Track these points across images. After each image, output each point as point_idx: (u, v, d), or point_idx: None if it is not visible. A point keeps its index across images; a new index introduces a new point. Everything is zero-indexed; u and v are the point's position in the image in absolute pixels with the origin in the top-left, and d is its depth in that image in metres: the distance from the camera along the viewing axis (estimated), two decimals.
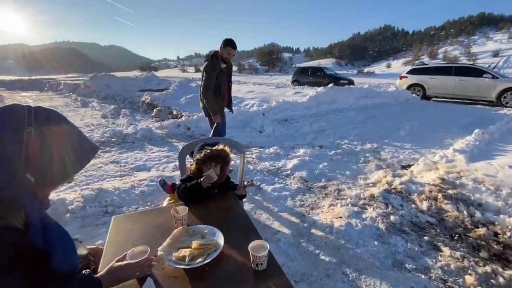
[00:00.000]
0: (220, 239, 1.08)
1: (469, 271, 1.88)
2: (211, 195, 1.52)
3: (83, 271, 0.86)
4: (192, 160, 1.68)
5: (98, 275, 0.81)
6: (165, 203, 1.86)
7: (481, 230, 2.21)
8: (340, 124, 6.53)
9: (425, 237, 2.26)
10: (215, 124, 3.39)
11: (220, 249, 1.02)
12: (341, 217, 2.53)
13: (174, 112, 7.58)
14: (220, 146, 1.58)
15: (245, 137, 5.53)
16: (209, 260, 0.97)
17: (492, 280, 1.80)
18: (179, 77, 20.19)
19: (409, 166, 3.76)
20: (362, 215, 2.58)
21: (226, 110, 3.62)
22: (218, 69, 3.12)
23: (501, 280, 1.79)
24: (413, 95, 10.00)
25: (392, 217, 2.52)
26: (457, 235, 2.25)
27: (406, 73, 10.85)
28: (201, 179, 1.46)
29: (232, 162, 1.73)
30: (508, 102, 8.29)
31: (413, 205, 2.66)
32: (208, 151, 1.55)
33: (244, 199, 2.56)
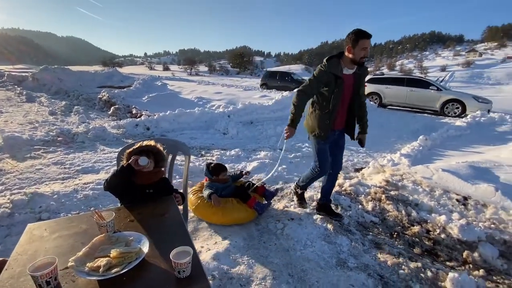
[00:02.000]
0: (145, 247, 1.01)
1: (403, 266, 2.03)
2: (146, 196, 1.45)
3: None
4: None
5: None
6: None
7: (416, 228, 2.40)
8: (303, 128, 6.72)
9: (369, 236, 2.39)
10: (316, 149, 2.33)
11: (142, 257, 0.96)
12: (293, 219, 2.57)
13: (134, 111, 7.19)
14: (152, 143, 1.53)
15: (208, 139, 5.43)
16: (127, 269, 0.90)
17: (421, 274, 1.95)
18: (145, 75, 19.28)
19: (361, 169, 3.99)
20: (313, 216, 2.65)
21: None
22: (333, 74, 2.09)
23: (429, 274, 1.95)
24: (371, 102, 10.69)
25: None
26: (395, 233, 2.42)
27: (366, 82, 11.57)
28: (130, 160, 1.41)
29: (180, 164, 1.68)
30: (449, 112, 9.26)
31: (360, 206, 2.81)
32: (139, 144, 1.50)
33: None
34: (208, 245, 2.20)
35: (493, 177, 2.98)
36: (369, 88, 11.29)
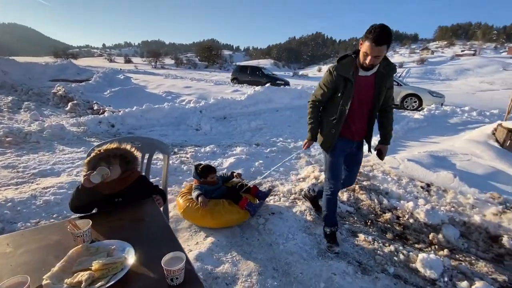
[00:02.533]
0: (130, 255, 0.93)
1: (378, 251, 2.16)
2: (118, 204, 1.33)
3: None
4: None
5: None
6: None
7: (387, 215, 2.57)
8: (276, 122, 6.79)
9: (345, 225, 2.50)
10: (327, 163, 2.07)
11: (128, 268, 0.88)
12: (274, 213, 2.59)
13: (95, 107, 6.65)
14: (114, 145, 1.40)
15: (180, 136, 5.24)
16: (112, 282, 0.82)
17: (395, 257, 2.10)
18: (105, 67, 17.91)
19: None
20: (293, 209, 2.70)
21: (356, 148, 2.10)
22: (342, 76, 1.81)
23: (401, 256, 2.10)
24: None
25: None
26: (369, 221, 2.56)
27: None
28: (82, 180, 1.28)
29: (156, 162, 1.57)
30: (408, 105, 10.03)
31: None
32: (96, 151, 1.35)
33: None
34: (189, 246, 2.12)
35: (450, 164, 3.29)
36: None
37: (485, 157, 3.57)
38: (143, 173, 1.80)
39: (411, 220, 2.47)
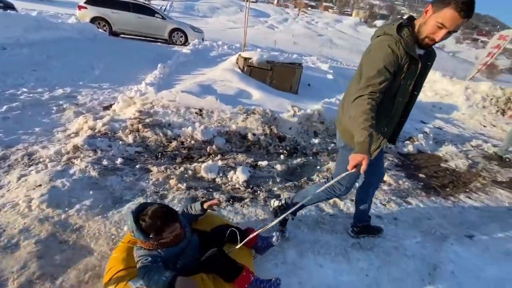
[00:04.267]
0: None
1: (172, 175, 2.39)
2: None
3: None
4: None
5: None
6: None
7: (173, 144, 2.82)
8: (8, 67, 4.69)
9: (137, 165, 2.48)
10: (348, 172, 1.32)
11: None
12: (41, 185, 2.01)
13: None
14: None
15: None
16: None
17: (185, 175, 2.44)
18: None
19: (111, 106, 3.71)
20: (70, 171, 2.23)
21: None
22: (409, 55, 1.28)
23: (190, 172, 2.48)
24: (100, 30, 9.39)
25: (104, 161, 2.44)
26: (160, 154, 2.70)
27: (84, 3, 9.64)
28: None
29: None
30: (176, 40, 10.48)
31: (120, 142, 2.73)
32: None
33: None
34: None
35: (213, 90, 4.01)
36: (91, 11, 9.65)
37: (233, 81, 4.67)
38: None
39: (192, 142, 2.89)
